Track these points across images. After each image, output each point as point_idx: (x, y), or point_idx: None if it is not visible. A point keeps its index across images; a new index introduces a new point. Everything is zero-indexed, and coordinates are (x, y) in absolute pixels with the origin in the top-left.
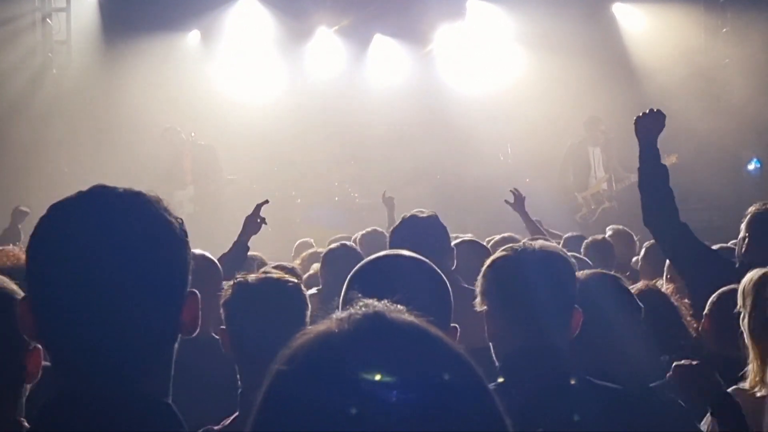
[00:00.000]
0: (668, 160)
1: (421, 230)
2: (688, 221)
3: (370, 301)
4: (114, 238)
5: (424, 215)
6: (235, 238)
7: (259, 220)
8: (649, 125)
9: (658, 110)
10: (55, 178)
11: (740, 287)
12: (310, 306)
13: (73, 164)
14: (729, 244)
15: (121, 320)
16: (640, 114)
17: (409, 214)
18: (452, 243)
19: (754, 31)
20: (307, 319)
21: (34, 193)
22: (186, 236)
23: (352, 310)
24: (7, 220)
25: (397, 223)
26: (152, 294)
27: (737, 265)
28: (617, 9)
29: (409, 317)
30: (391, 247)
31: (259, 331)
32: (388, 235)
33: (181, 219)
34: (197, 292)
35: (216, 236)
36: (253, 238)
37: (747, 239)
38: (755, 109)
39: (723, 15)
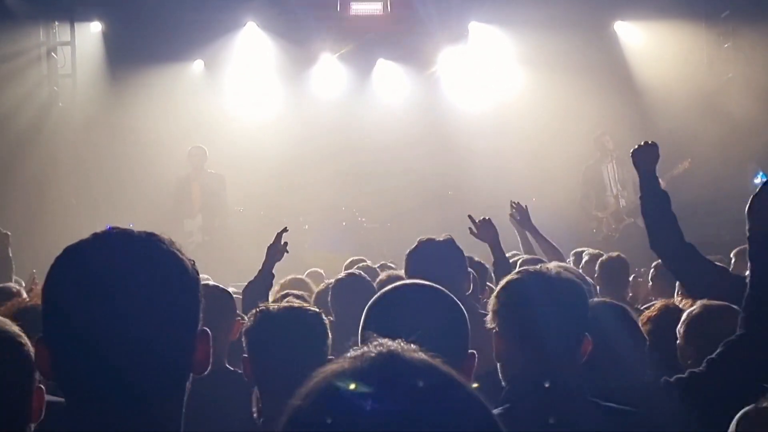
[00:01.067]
0: (682, 166)
1: (437, 254)
2: (694, 235)
3: (384, 340)
4: (128, 281)
5: (440, 239)
6: (257, 266)
7: (281, 248)
8: (645, 156)
9: (652, 142)
10: (63, 210)
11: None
12: (330, 335)
13: (81, 196)
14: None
15: (136, 360)
16: (636, 146)
17: (425, 238)
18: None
19: (757, 45)
20: (328, 348)
21: (42, 226)
22: (197, 276)
23: (365, 349)
24: (14, 256)
25: (414, 246)
26: (166, 334)
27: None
28: (618, 27)
29: (422, 356)
30: (407, 271)
31: (281, 360)
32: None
33: (193, 261)
34: (209, 331)
35: (225, 265)
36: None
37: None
38: (759, 122)
39: (725, 30)
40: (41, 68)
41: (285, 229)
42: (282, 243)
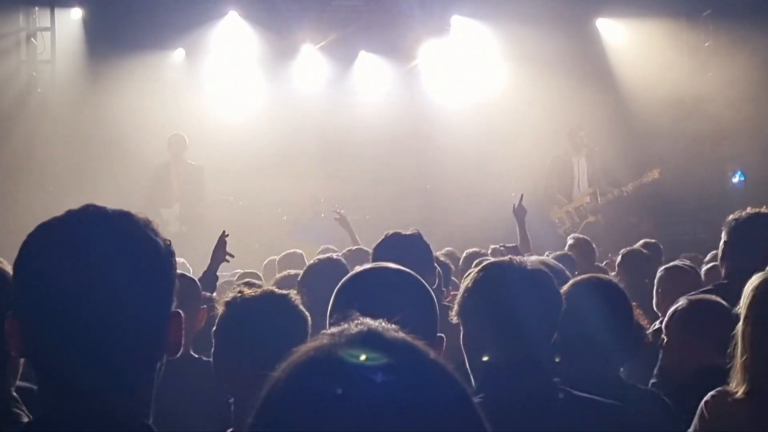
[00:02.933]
0: (651, 175)
1: (404, 247)
2: (672, 234)
3: (364, 318)
4: (101, 258)
5: (407, 233)
6: (232, 257)
7: (224, 254)
8: None
9: None
10: (40, 197)
11: (744, 291)
12: (309, 319)
13: (58, 183)
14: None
15: (106, 340)
16: None
17: (391, 232)
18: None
19: (737, 44)
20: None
21: (19, 212)
22: (173, 258)
23: (345, 326)
24: None
25: (380, 240)
26: (137, 314)
27: (723, 276)
28: (600, 24)
29: (402, 335)
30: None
31: (259, 346)
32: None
33: (169, 241)
34: (181, 312)
35: (202, 255)
36: (240, 255)
37: (725, 246)
38: (738, 121)
39: (705, 29)
40: (20, 54)
41: (225, 233)
42: (226, 252)
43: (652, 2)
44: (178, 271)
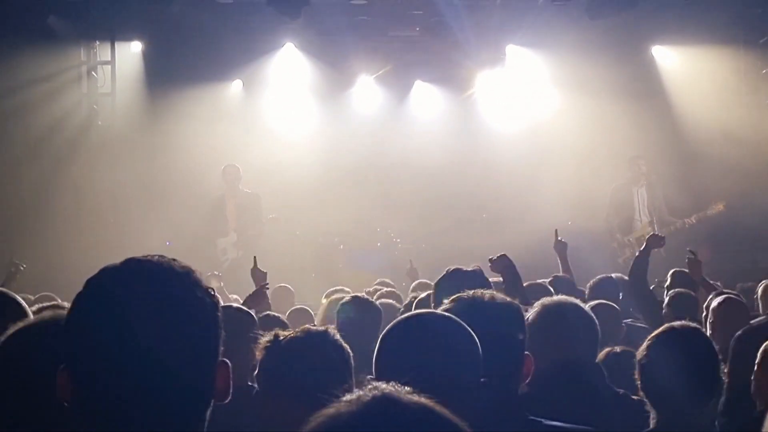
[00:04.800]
0: (716, 207)
1: (464, 284)
2: (733, 262)
3: (379, 383)
4: (147, 314)
5: (468, 269)
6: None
7: (262, 301)
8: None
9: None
10: (101, 229)
11: None
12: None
13: (118, 214)
14: None
15: (155, 392)
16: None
17: (453, 268)
18: None
19: None
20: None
21: (79, 244)
22: (217, 307)
23: (360, 392)
24: (53, 272)
25: (441, 275)
26: (183, 367)
27: None
28: (656, 51)
29: (417, 399)
30: (434, 299)
31: (301, 385)
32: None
33: (213, 289)
34: (228, 362)
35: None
36: (297, 286)
37: None
38: None
39: (763, 56)
40: (81, 87)
41: (266, 285)
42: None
43: (709, 29)
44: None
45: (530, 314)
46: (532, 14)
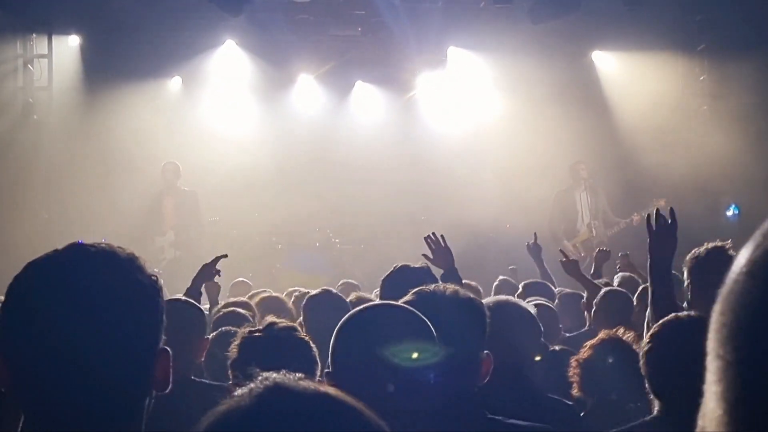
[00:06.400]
0: (657, 204)
1: (412, 281)
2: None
3: (269, 373)
4: (86, 299)
5: (417, 266)
6: (226, 283)
7: (213, 272)
8: (664, 247)
9: (671, 223)
10: (35, 223)
11: None
12: (319, 363)
13: (53, 210)
14: None
15: (91, 378)
16: (655, 235)
17: (401, 264)
18: None
19: (731, 78)
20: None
21: (14, 239)
22: (159, 295)
23: (252, 384)
24: None
25: (389, 272)
26: (122, 353)
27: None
28: (596, 56)
29: (311, 385)
30: (382, 296)
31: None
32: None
33: (156, 276)
34: (169, 349)
35: None
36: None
37: (690, 286)
38: (733, 155)
39: (701, 63)
40: (17, 80)
41: (225, 255)
42: (215, 268)
43: (648, 36)
44: (184, 298)
45: None
46: (474, 17)
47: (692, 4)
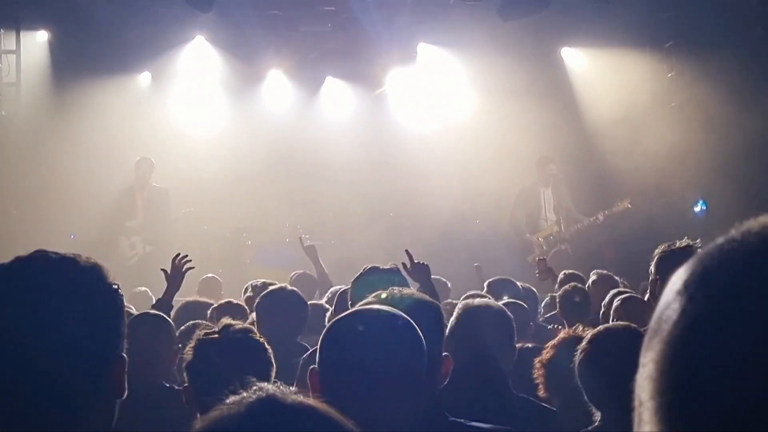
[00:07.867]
0: (622, 204)
1: (382, 282)
2: (635, 263)
3: (263, 384)
4: (41, 306)
5: (386, 267)
6: (197, 279)
7: (182, 273)
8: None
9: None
10: (3, 220)
11: None
12: (274, 365)
13: (22, 206)
14: None
15: (43, 384)
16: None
17: (370, 266)
18: None
19: (699, 75)
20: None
21: None
22: (119, 303)
23: (244, 394)
24: None
25: (359, 273)
26: (75, 359)
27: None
28: (565, 53)
29: (301, 399)
30: (352, 297)
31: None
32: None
33: (117, 285)
34: (125, 356)
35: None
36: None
37: (658, 282)
38: (700, 152)
39: (668, 59)
40: None
41: (186, 256)
42: (182, 270)
43: (617, 32)
44: (153, 311)
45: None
46: (444, 13)
47: (660, 2)
